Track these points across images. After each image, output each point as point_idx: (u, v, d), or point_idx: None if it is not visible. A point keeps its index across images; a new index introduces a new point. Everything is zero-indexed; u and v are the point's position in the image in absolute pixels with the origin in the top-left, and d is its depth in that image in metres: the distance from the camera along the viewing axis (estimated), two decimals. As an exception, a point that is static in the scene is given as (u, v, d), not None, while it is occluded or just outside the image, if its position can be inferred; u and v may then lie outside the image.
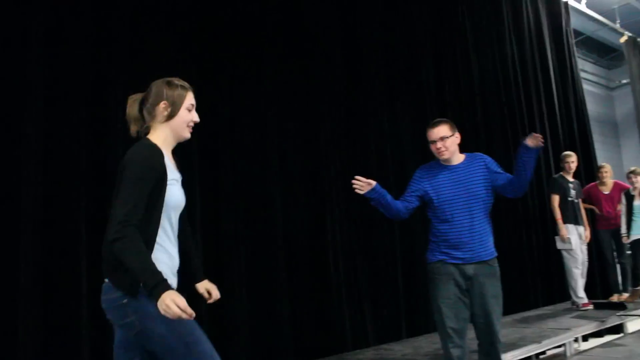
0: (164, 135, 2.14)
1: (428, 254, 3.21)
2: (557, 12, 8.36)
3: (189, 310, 1.82)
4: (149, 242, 1.97)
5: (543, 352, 5.00)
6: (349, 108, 5.08)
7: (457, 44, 6.52)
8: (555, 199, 5.99)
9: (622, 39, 9.67)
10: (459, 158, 3.21)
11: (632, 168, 6.53)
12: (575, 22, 11.06)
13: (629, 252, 6.52)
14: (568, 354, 4.73)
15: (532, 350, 4.24)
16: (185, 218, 2.30)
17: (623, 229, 6.34)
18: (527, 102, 7.26)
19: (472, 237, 3.07)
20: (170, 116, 2.13)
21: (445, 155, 3.15)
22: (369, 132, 5.23)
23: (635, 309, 6.06)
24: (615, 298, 6.48)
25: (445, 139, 3.13)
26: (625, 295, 6.48)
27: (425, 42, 6.08)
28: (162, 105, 2.13)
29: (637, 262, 6.45)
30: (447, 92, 6.20)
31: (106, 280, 2.02)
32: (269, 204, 4.31)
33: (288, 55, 4.70)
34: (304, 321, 4.33)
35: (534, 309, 6.35)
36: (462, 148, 3.26)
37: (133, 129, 2.18)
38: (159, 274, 1.86)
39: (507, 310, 6.11)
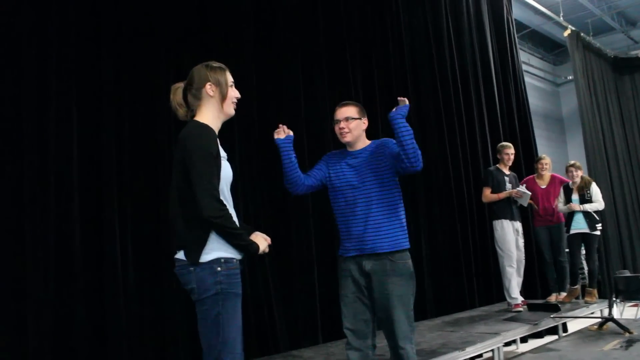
0: (213, 115, 2.31)
1: None
2: (498, 0, 8.02)
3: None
4: None
5: (479, 355, 4.66)
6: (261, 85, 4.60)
7: (391, 32, 6.08)
8: (487, 192, 5.69)
9: (566, 33, 9.49)
10: (363, 144, 3.02)
11: (572, 162, 6.26)
12: (521, 15, 10.89)
13: (567, 249, 6.25)
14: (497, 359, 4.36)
15: (454, 358, 3.84)
16: None
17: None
18: (464, 93, 6.88)
19: (365, 227, 2.84)
20: (219, 96, 2.31)
21: (347, 138, 2.98)
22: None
23: (572, 309, 5.78)
24: (553, 298, 6.19)
25: (350, 121, 2.97)
26: (564, 294, 6.19)
27: (355, 38, 5.62)
28: (207, 86, 2.29)
29: (574, 260, 6.22)
30: (377, 80, 5.74)
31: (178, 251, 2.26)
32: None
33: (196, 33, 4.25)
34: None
35: (469, 310, 6.00)
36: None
37: (182, 113, 2.35)
38: (245, 234, 2.26)
39: (440, 312, 5.82)
